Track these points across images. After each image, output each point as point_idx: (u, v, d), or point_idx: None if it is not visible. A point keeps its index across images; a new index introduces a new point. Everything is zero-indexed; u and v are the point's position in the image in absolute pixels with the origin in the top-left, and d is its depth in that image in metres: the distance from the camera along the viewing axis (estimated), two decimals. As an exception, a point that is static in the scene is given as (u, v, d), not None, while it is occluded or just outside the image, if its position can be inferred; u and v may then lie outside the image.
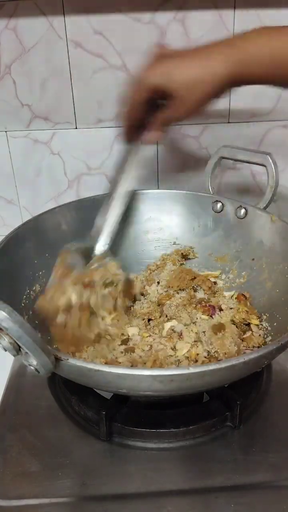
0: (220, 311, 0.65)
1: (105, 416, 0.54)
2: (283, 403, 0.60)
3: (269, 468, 0.52)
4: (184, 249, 0.78)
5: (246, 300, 0.67)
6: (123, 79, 0.81)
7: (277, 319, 0.62)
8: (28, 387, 0.63)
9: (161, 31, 0.77)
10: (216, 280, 0.74)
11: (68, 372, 0.47)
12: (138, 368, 0.56)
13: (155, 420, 0.56)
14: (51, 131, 0.85)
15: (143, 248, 0.80)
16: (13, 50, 0.78)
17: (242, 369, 0.47)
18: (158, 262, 0.77)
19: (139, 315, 0.66)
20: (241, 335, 0.62)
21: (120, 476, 0.51)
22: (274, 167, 0.69)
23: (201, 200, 0.78)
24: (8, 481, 0.51)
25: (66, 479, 0.51)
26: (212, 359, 0.57)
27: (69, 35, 0.78)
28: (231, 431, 0.56)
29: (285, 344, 0.48)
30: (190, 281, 0.69)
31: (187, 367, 0.44)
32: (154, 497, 0.49)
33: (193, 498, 0.49)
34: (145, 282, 0.74)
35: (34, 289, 0.66)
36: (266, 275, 0.68)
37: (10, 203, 0.92)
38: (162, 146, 0.87)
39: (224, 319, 0.64)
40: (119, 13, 0.76)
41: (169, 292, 0.68)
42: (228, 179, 0.89)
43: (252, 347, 0.61)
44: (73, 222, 0.75)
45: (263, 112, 0.84)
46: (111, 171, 0.88)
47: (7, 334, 0.40)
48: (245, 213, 0.73)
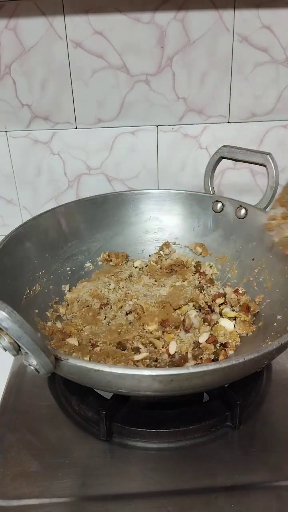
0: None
1: (105, 416, 0.54)
2: (283, 403, 0.60)
3: (269, 468, 0.52)
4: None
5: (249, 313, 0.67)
6: (123, 79, 0.81)
7: (277, 319, 0.62)
8: (28, 387, 0.63)
9: (161, 31, 0.78)
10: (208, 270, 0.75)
11: (68, 372, 0.47)
12: (138, 368, 0.57)
13: (155, 420, 0.55)
14: (51, 131, 0.85)
15: (143, 248, 0.80)
16: (13, 50, 0.78)
17: (242, 369, 0.47)
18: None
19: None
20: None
21: (120, 476, 0.51)
22: (274, 167, 0.69)
23: (201, 200, 0.78)
24: (8, 481, 0.51)
25: (66, 479, 0.51)
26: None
27: (69, 35, 0.78)
28: (231, 431, 0.56)
29: (285, 344, 0.48)
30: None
31: (187, 367, 0.44)
32: (154, 497, 0.49)
33: (193, 498, 0.49)
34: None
35: (34, 289, 0.66)
36: (266, 275, 0.68)
37: (10, 203, 0.92)
38: (162, 146, 0.87)
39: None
40: (119, 13, 0.76)
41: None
42: (228, 179, 0.89)
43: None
44: (73, 222, 0.75)
45: (263, 112, 0.85)
46: (111, 171, 0.89)
47: (7, 334, 0.40)
48: (245, 213, 0.73)
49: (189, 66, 0.80)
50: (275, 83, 0.82)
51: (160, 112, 0.84)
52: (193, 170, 0.89)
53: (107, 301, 0.70)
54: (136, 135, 0.86)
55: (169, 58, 0.80)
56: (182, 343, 0.62)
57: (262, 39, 0.79)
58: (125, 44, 0.78)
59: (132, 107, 0.84)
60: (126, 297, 0.71)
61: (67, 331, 0.64)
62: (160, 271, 0.77)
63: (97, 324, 0.66)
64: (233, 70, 0.81)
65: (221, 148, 0.76)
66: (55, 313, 0.68)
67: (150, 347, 0.61)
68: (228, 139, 0.85)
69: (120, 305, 0.69)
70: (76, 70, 0.80)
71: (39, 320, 0.64)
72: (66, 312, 0.69)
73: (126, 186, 0.90)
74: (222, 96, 0.83)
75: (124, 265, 0.78)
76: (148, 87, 0.82)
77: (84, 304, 0.69)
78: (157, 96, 0.83)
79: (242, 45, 0.79)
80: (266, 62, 0.81)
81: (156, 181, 0.90)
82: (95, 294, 0.70)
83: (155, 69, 0.81)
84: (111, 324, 0.66)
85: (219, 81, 0.82)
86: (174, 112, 0.84)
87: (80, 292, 0.71)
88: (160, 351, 0.61)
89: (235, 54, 0.80)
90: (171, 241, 0.80)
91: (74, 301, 0.70)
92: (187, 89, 0.82)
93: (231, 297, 0.70)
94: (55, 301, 0.70)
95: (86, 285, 0.73)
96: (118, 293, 0.71)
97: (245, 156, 0.73)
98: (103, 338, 0.63)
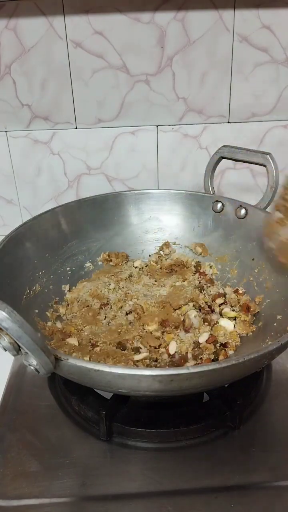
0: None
1: (105, 416, 0.54)
2: (283, 403, 0.60)
3: (269, 468, 0.52)
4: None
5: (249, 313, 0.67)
6: (123, 79, 0.81)
7: (277, 319, 0.62)
8: (28, 387, 0.63)
9: (161, 31, 0.78)
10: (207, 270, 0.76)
11: (68, 372, 0.47)
12: (138, 368, 0.57)
13: (155, 420, 0.56)
14: (51, 131, 0.85)
15: (143, 248, 0.80)
16: (13, 50, 0.78)
17: (242, 369, 0.47)
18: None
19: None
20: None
21: (120, 476, 0.51)
22: (274, 167, 0.69)
23: (201, 200, 0.78)
24: (8, 481, 0.51)
25: (66, 479, 0.51)
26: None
27: (69, 35, 0.78)
28: (231, 431, 0.56)
29: (285, 344, 0.48)
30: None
31: (187, 367, 0.44)
32: (154, 497, 0.49)
33: (193, 498, 0.49)
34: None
35: (34, 289, 0.66)
36: (266, 275, 0.68)
37: (10, 203, 0.92)
38: (162, 146, 0.87)
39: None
40: (119, 13, 0.76)
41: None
42: (228, 179, 0.89)
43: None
44: (73, 222, 0.75)
45: (263, 112, 0.85)
46: (111, 171, 0.89)
47: (7, 334, 0.40)
48: (245, 213, 0.73)
49: (189, 66, 0.80)
50: (275, 83, 0.82)
51: (160, 112, 0.84)
52: (193, 170, 0.89)
53: (107, 301, 0.70)
54: (136, 135, 0.86)
55: (169, 58, 0.80)
56: (182, 343, 0.62)
57: (262, 39, 0.79)
58: (125, 44, 0.78)
59: (132, 107, 0.84)
60: (126, 297, 0.71)
61: (67, 331, 0.64)
62: (160, 271, 0.77)
63: (97, 324, 0.66)
64: (233, 70, 0.81)
65: (221, 148, 0.76)
66: (55, 313, 0.68)
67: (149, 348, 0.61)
68: (228, 139, 0.85)
69: (120, 305, 0.69)
70: (76, 70, 0.80)
71: (39, 320, 0.64)
72: (66, 312, 0.69)
73: (126, 186, 0.90)
74: (222, 96, 0.83)
75: (124, 265, 0.78)
76: (148, 87, 0.82)
77: (84, 304, 0.69)
78: (157, 96, 0.83)
79: (242, 45, 0.79)
80: (266, 62, 0.80)
81: (156, 181, 0.90)
82: (95, 294, 0.70)
83: (155, 69, 0.81)
84: (111, 324, 0.66)
85: (219, 81, 0.82)
86: (174, 112, 0.84)
87: (80, 292, 0.71)
88: (160, 351, 0.61)
89: (235, 54, 0.80)
90: (171, 241, 0.80)
91: (74, 301, 0.70)
92: (187, 89, 0.82)
93: (231, 297, 0.70)
94: (55, 301, 0.70)
95: (86, 285, 0.73)
96: (118, 293, 0.71)
97: (245, 156, 0.73)
98: (103, 338, 0.63)
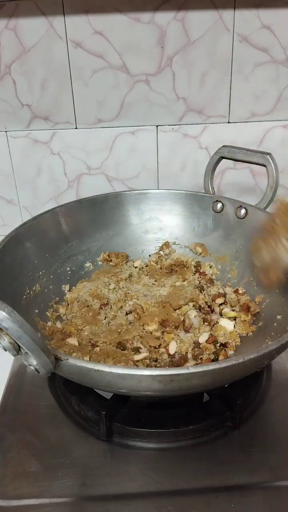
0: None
1: (105, 416, 0.54)
2: (283, 403, 0.60)
3: (269, 468, 0.52)
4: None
5: (249, 313, 0.67)
6: (123, 79, 0.81)
7: (277, 319, 0.62)
8: (28, 387, 0.63)
9: (161, 31, 0.78)
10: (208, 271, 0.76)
11: (68, 372, 0.47)
12: (138, 368, 0.57)
13: (155, 420, 0.56)
14: (51, 131, 0.85)
15: (143, 248, 0.80)
16: (13, 50, 0.78)
17: (242, 369, 0.47)
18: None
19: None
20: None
21: (120, 476, 0.51)
22: (274, 167, 0.69)
23: (201, 200, 0.78)
24: (8, 481, 0.51)
25: (66, 479, 0.51)
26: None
27: (69, 35, 0.78)
28: (231, 431, 0.56)
29: (285, 344, 0.48)
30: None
31: (187, 367, 0.44)
32: (154, 497, 0.49)
33: (193, 498, 0.49)
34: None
35: (34, 289, 0.66)
36: (266, 275, 0.68)
37: (10, 203, 0.92)
38: (162, 146, 0.87)
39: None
40: (119, 13, 0.76)
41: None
42: (228, 179, 0.89)
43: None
44: (73, 222, 0.75)
45: (263, 112, 0.85)
46: (111, 171, 0.89)
47: (7, 334, 0.40)
48: (245, 213, 0.73)
49: (189, 66, 0.80)
50: (275, 83, 0.82)
51: (160, 112, 0.84)
52: (193, 170, 0.89)
53: (107, 301, 0.70)
54: (136, 135, 0.86)
55: (169, 58, 0.80)
56: (182, 343, 0.62)
57: (262, 39, 0.79)
58: (125, 44, 0.78)
59: (132, 107, 0.84)
60: (126, 297, 0.71)
61: (67, 331, 0.64)
62: (160, 271, 0.77)
63: (97, 324, 0.66)
64: (233, 70, 0.81)
65: (221, 148, 0.76)
66: (55, 313, 0.68)
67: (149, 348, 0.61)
68: (228, 139, 0.85)
69: (120, 305, 0.69)
70: (76, 70, 0.80)
71: (39, 320, 0.64)
72: (66, 312, 0.69)
73: (126, 186, 0.90)
74: (222, 96, 0.83)
75: (124, 265, 0.78)
76: (148, 87, 0.82)
77: (84, 304, 0.69)
78: (157, 96, 0.83)
79: (242, 45, 0.79)
80: (266, 62, 0.80)
81: (156, 181, 0.90)
82: (95, 294, 0.70)
83: (155, 69, 0.81)
84: (111, 324, 0.66)
85: (219, 81, 0.82)
86: (174, 112, 0.84)
87: (80, 292, 0.71)
88: (160, 351, 0.61)
89: (235, 54, 0.80)
90: (171, 241, 0.80)
91: (74, 301, 0.70)
92: (187, 89, 0.82)
93: (231, 297, 0.70)
94: (55, 301, 0.70)
95: (86, 285, 0.73)
96: (118, 293, 0.71)
97: (245, 156, 0.73)
98: (103, 338, 0.63)
